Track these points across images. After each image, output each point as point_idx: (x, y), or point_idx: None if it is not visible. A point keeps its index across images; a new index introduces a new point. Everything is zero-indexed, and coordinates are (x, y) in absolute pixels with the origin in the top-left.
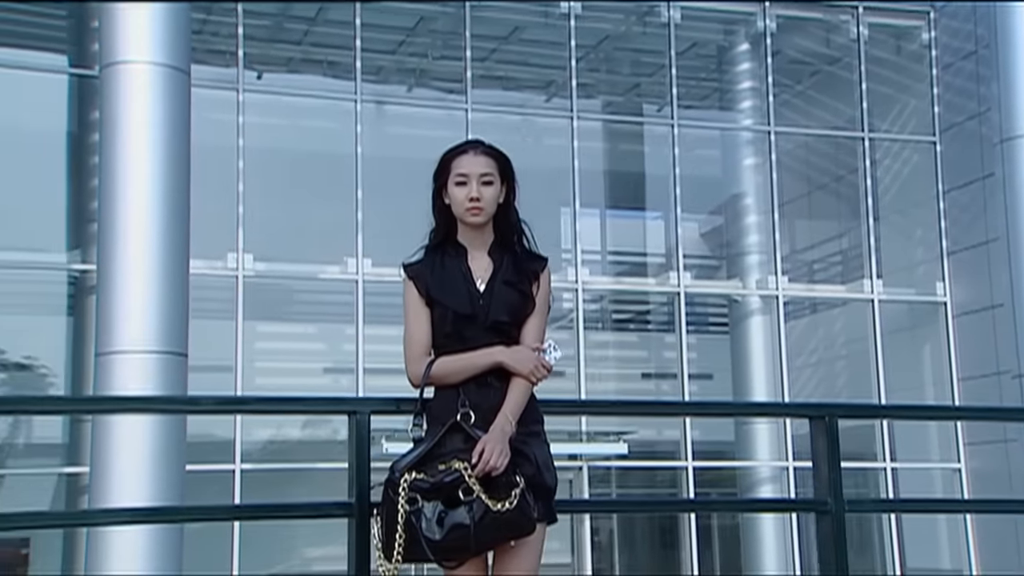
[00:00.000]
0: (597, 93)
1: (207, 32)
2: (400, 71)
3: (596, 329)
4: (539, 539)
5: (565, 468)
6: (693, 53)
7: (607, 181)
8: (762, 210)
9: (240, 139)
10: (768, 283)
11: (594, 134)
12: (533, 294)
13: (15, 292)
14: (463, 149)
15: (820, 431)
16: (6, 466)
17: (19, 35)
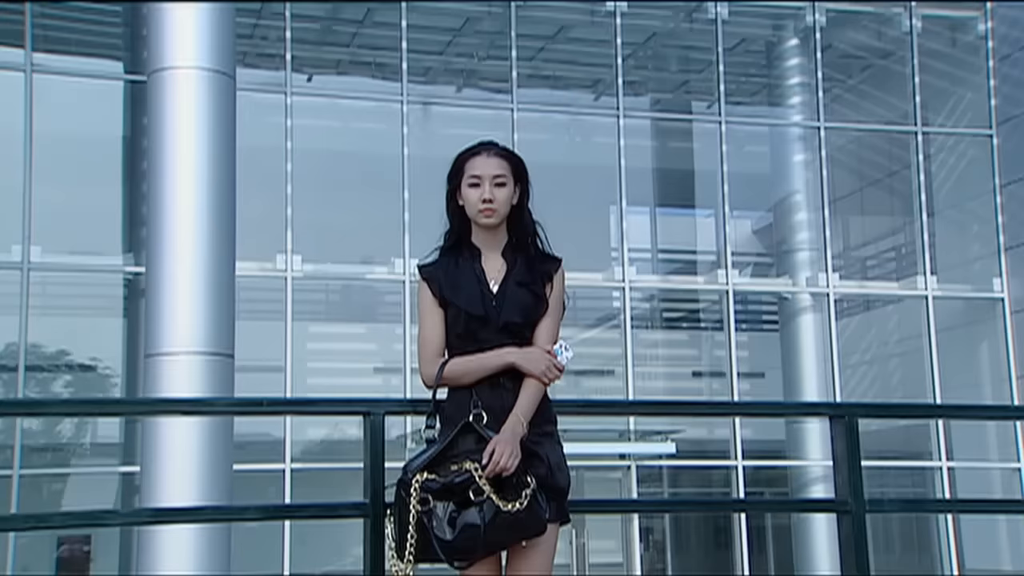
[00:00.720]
0: (645, 91)
1: (257, 36)
2: (447, 72)
3: (646, 328)
4: (552, 539)
5: (613, 467)
6: (742, 49)
7: (656, 179)
8: (812, 207)
9: (288, 141)
10: (818, 280)
11: (643, 132)
12: (546, 295)
13: (78, 295)
14: (476, 151)
15: (840, 431)
16: (71, 465)
17: (77, 43)
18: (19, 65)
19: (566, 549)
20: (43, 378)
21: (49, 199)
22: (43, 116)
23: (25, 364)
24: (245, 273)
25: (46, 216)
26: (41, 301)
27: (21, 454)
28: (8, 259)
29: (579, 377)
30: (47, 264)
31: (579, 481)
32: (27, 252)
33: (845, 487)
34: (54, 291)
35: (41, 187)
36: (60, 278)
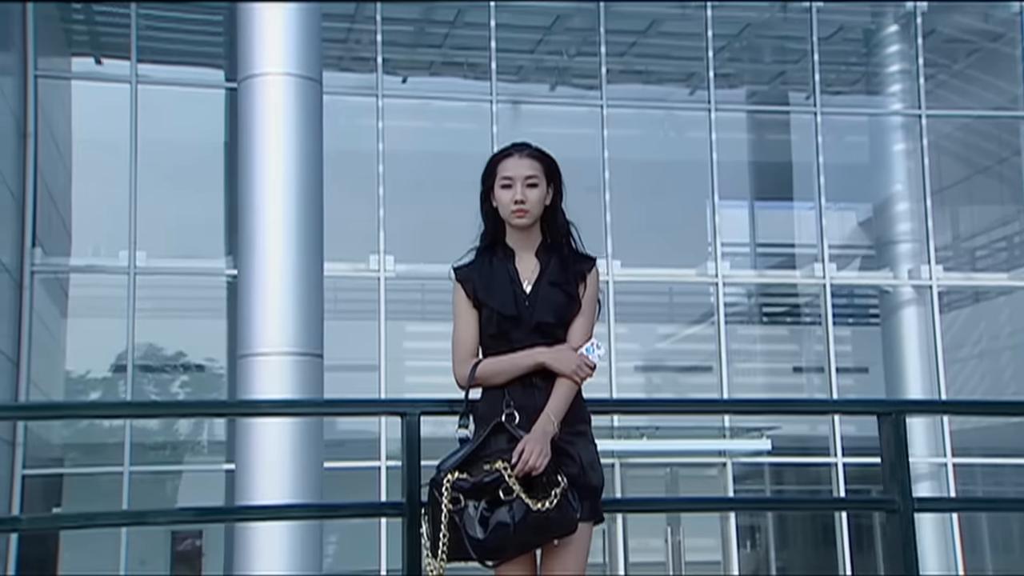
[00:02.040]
0: (740, 83)
1: (351, 40)
2: (539, 70)
3: (745, 323)
4: (585, 538)
5: (709, 464)
6: (839, 37)
7: (754, 172)
8: (914, 197)
9: (380, 143)
10: (921, 273)
11: (738, 125)
12: (579, 295)
13: (189, 297)
14: (508, 152)
15: (888, 428)
16: (185, 462)
17: (180, 53)
18: (125, 77)
19: (661, 547)
20: (159, 379)
21: (153, 205)
22: (147, 125)
23: (133, 365)
24: (339, 274)
25: (151, 222)
26: (149, 304)
27: (136, 452)
28: (115, 264)
29: (677, 374)
30: (152, 268)
31: (674, 478)
32: (133, 257)
33: (892, 485)
34: (160, 294)
35: (146, 194)
36: (165, 281)
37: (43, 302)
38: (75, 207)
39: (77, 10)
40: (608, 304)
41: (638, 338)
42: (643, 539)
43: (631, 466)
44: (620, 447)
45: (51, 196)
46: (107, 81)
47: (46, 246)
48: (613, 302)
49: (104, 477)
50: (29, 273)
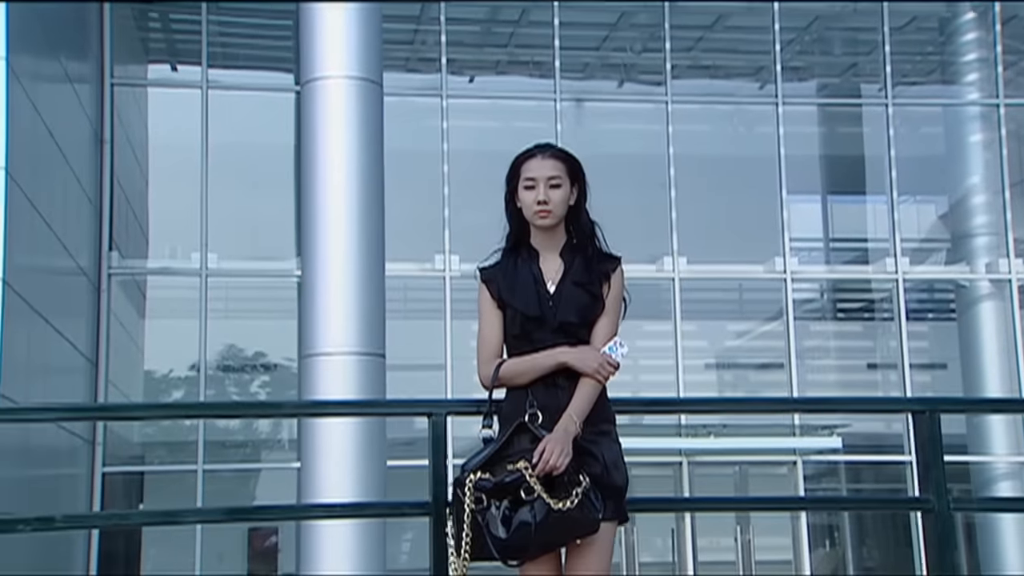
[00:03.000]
0: (810, 76)
1: (417, 42)
2: (604, 67)
3: (817, 319)
4: (608, 538)
5: (778, 463)
6: (913, 27)
7: (825, 166)
8: (992, 189)
9: (445, 143)
10: (999, 266)
11: (809, 118)
12: (603, 295)
13: (263, 298)
14: (531, 153)
15: (922, 427)
16: (261, 460)
17: (253, 57)
18: (199, 82)
19: (731, 546)
20: (233, 379)
21: (226, 208)
22: (220, 129)
23: (206, 365)
24: (405, 274)
25: (223, 224)
26: (222, 305)
27: (214, 450)
28: (187, 266)
29: (748, 371)
30: (223, 270)
31: (743, 477)
32: (204, 259)
33: (928, 485)
34: (234, 295)
35: (218, 197)
36: (239, 283)
37: (121, 304)
38: (152, 211)
39: (154, 19)
40: (674, 302)
41: (707, 335)
42: (713, 538)
43: (699, 464)
44: (687, 445)
45: (128, 200)
46: (181, 87)
47: (123, 249)
48: (680, 299)
49: (182, 475)
50: (106, 276)
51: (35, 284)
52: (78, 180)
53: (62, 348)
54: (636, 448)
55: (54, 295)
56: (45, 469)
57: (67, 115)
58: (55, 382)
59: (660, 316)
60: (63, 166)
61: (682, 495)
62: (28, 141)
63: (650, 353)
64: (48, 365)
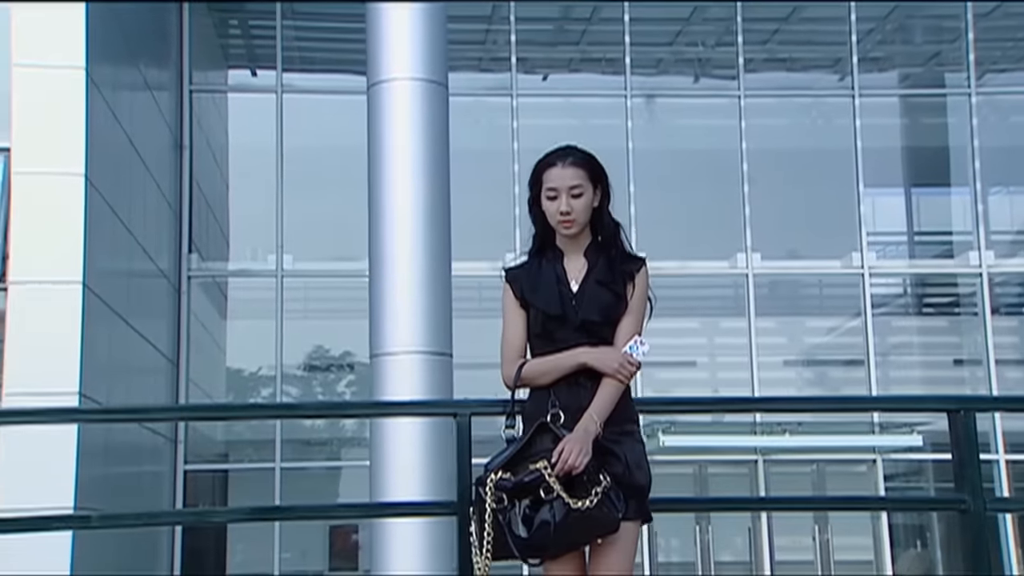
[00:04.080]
0: (891, 66)
1: (489, 41)
2: (678, 62)
3: (900, 315)
4: (631, 538)
5: (857, 461)
6: (1000, 12)
7: (909, 158)
8: None
9: (515, 142)
10: None
11: (890, 110)
12: (627, 295)
13: (339, 298)
14: (552, 161)
15: (957, 426)
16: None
17: (329, 61)
18: (273, 87)
19: (809, 546)
20: (311, 378)
21: (299, 210)
22: (295, 132)
23: (282, 365)
24: (477, 273)
25: (297, 226)
26: (300, 306)
27: (295, 448)
28: (264, 267)
29: (828, 368)
30: (298, 271)
31: (821, 475)
32: (280, 260)
33: (963, 485)
34: (310, 295)
35: (292, 199)
36: (314, 283)
37: (203, 305)
38: (232, 214)
39: (234, 25)
40: (748, 298)
41: (786, 332)
42: (790, 537)
43: (774, 463)
44: (762, 443)
45: (208, 204)
46: (259, 92)
47: (203, 251)
48: (754, 296)
49: (263, 472)
50: (186, 278)
51: (115, 287)
52: (158, 185)
53: (143, 349)
54: (711, 446)
55: (134, 297)
56: (129, 467)
57: (147, 122)
58: (136, 382)
59: (735, 313)
60: (143, 172)
61: (757, 495)
62: (107, 148)
63: (727, 350)
64: (129, 365)
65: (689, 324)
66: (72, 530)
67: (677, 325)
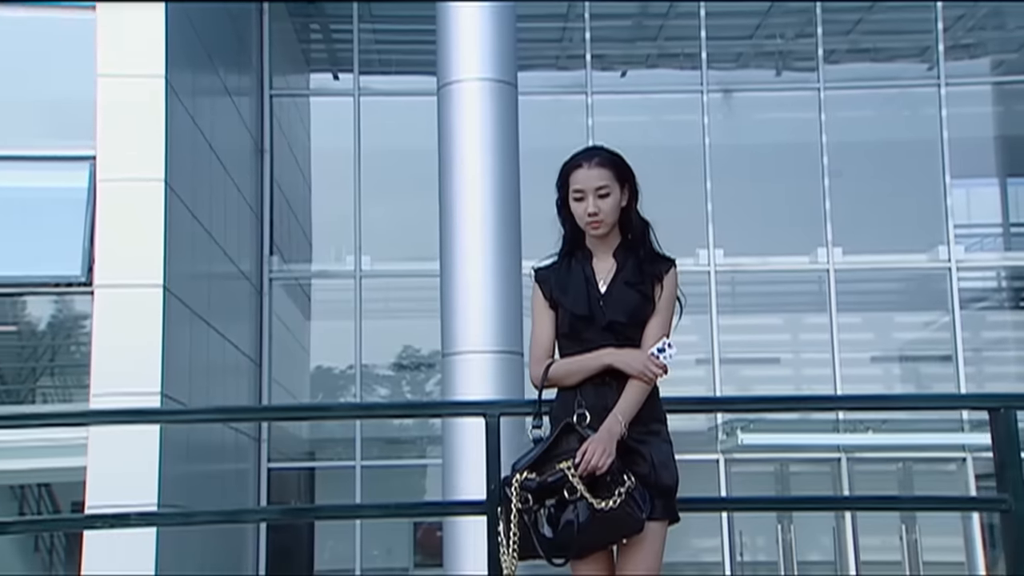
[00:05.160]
0: (983, 53)
1: (565, 39)
2: (758, 55)
3: (995, 309)
4: (658, 538)
5: (946, 459)
6: None
7: (1002, 148)
8: None
9: (590, 140)
10: None
11: (982, 98)
12: (655, 296)
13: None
14: (578, 162)
15: (998, 424)
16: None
17: (406, 63)
18: (348, 91)
19: (896, 546)
20: (388, 377)
21: (377, 211)
22: (370, 134)
23: (361, 365)
24: None
25: (375, 227)
26: (382, 306)
27: (376, 446)
28: (343, 268)
29: (916, 364)
30: (376, 271)
31: (908, 474)
32: (359, 261)
33: (1005, 484)
34: (391, 295)
35: (370, 201)
36: (389, 283)
37: (285, 306)
38: (314, 216)
39: (315, 30)
40: (829, 294)
41: (873, 328)
42: (877, 537)
43: (858, 461)
44: (845, 441)
45: (290, 206)
46: (339, 95)
47: (285, 253)
48: (835, 291)
49: (344, 471)
50: (267, 280)
51: (196, 289)
52: (239, 189)
53: (225, 349)
54: (790, 444)
55: (215, 300)
56: (212, 464)
57: (227, 127)
58: (217, 382)
59: (817, 309)
60: (223, 176)
61: (841, 494)
62: (187, 154)
63: (810, 347)
64: (210, 365)
65: (770, 320)
66: (112, 528)
67: (758, 321)
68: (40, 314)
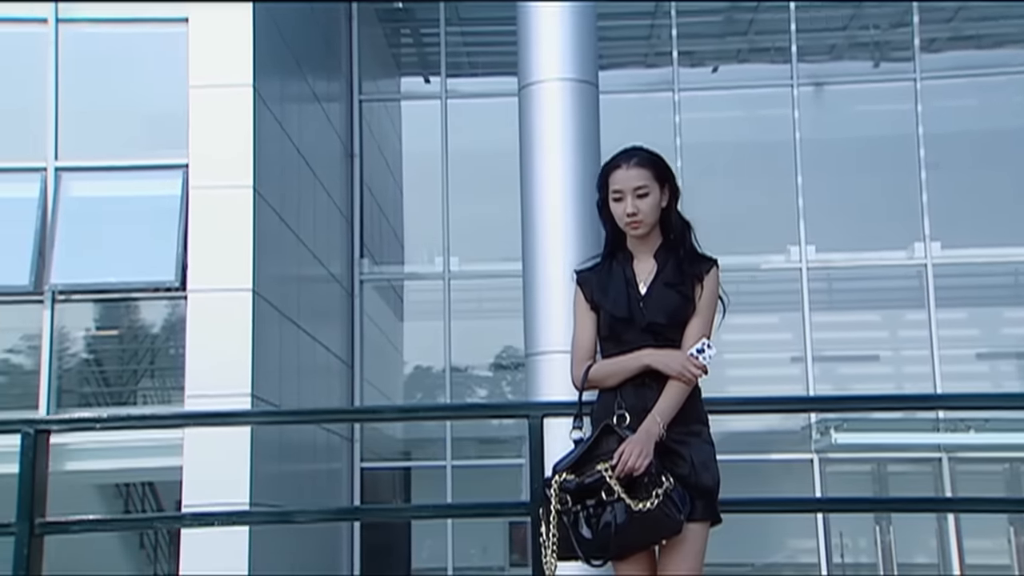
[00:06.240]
0: None
1: (654, 37)
2: (853, 46)
3: None
4: (698, 539)
5: None
6: None
7: None
8: None
9: (678, 138)
10: None
11: None
12: (695, 297)
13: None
14: (617, 163)
15: None
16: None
17: (489, 64)
18: (436, 93)
19: (1005, 549)
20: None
21: (465, 213)
22: (458, 136)
23: (450, 365)
24: None
25: (463, 228)
26: (474, 306)
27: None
28: (432, 270)
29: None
30: (464, 272)
31: (1015, 475)
32: (447, 263)
33: None
34: (483, 296)
35: (457, 202)
36: (477, 284)
37: (378, 307)
38: (406, 218)
39: (406, 34)
40: (927, 289)
41: (978, 324)
42: (984, 540)
43: (960, 461)
44: (947, 440)
45: (381, 209)
46: (428, 99)
47: (376, 255)
48: (933, 286)
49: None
50: (358, 282)
51: (285, 292)
52: (328, 193)
53: (315, 351)
54: (886, 443)
55: (305, 302)
56: (304, 464)
57: (316, 133)
58: (308, 383)
59: (915, 305)
60: (312, 181)
61: (943, 495)
62: (276, 160)
63: (909, 344)
64: (301, 367)
65: (868, 317)
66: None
67: (854, 318)
68: (140, 318)
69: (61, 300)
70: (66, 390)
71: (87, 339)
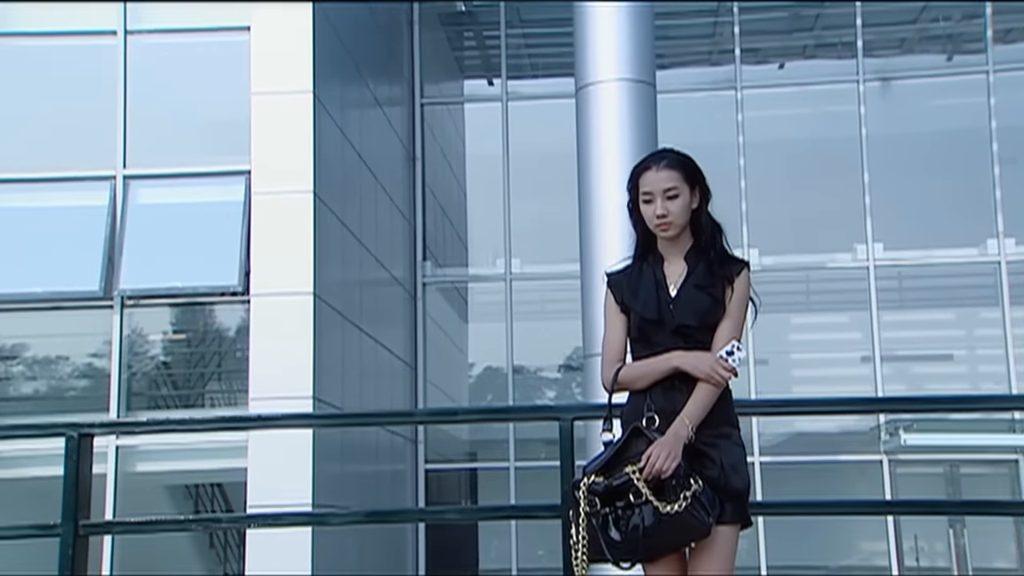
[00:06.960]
0: None
1: (717, 34)
2: (923, 39)
3: None
4: (728, 542)
5: None
6: None
7: None
8: None
9: (740, 136)
10: None
11: None
12: (725, 299)
13: (570, 299)
14: (647, 165)
15: None
16: None
17: (550, 66)
18: (496, 96)
19: None
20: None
21: (526, 214)
22: (517, 138)
23: (512, 366)
24: None
25: (524, 230)
26: (537, 308)
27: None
28: (494, 272)
29: None
30: (524, 274)
31: None
32: (509, 264)
33: None
34: (546, 297)
35: (519, 204)
36: (539, 285)
37: (442, 310)
38: (470, 220)
39: (469, 37)
40: (1001, 287)
41: None
42: None
43: None
44: (1020, 442)
45: (444, 212)
46: (490, 101)
47: (440, 258)
48: (1007, 284)
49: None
50: (421, 284)
51: (347, 296)
52: (390, 197)
53: (377, 353)
54: (961, 444)
55: (367, 305)
56: (368, 465)
57: (377, 137)
58: (370, 385)
59: (989, 303)
60: (373, 185)
61: (1020, 498)
62: (336, 165)
63: (983, 342)
64: (363, 370)
65: (940, 316)
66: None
67: (926, 317)
68: (206, 322)
69: (130, 305)
70: (136, 393)
71: (156, 343)
